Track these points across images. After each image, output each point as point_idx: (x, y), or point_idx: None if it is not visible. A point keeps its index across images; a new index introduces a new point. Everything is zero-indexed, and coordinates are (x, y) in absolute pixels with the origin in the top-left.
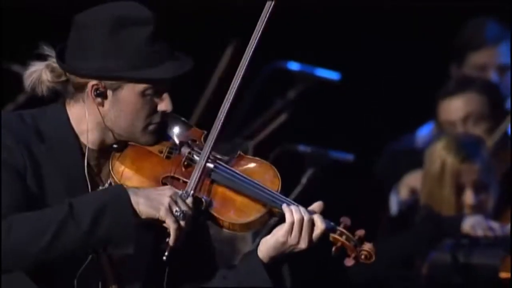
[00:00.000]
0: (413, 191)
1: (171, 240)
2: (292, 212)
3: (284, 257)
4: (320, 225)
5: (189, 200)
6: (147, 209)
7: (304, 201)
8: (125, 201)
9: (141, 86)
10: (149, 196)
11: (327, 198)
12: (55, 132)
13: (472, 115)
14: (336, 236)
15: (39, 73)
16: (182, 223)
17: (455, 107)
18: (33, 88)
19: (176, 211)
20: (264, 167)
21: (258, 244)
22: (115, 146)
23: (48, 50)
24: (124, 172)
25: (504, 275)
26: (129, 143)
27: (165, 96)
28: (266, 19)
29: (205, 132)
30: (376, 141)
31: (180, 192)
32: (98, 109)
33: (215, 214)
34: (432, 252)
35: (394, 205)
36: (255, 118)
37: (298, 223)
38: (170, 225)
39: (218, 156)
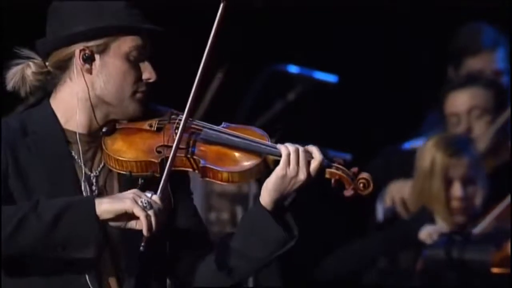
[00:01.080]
0: (395, 201)
1: (144, 230)
2: (287, 146)
3: (286, 196)
4: (317, 156)
5: (155, 197)
6: (112, 204)
7: (303, 196)
8: (89, 202)
9: (126, 47)
10: (112, 196)
11: (325, 194)
12: (40, 127)
13: (476, 108)
14: (333, 170)
15: (21, 71)
16: (150, 212)
17: (461, 100)
18: (17, 89)
19: (141, 201)
20: (250, 129)
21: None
22: (104, 130)
23: (24, 51)
24: (118, 149)
25: (496, 270)
26: (117, 125)
27: (148, 65)
28: (218, 21)
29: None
30: (372, 142)
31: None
32: (86, 80)
33: (213, 167)
34: (426, 249)
35: (380, 213)
36: (255, 118)
37: (294, 153)
38: (139, 214)
39: (205, 123)
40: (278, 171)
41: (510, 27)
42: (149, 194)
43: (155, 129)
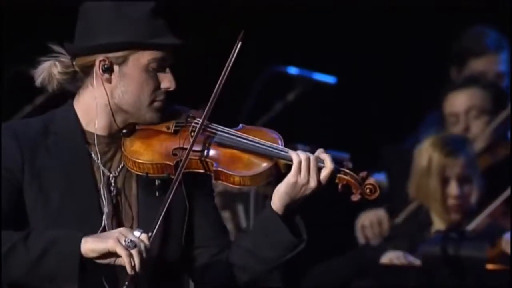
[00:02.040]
0: (365, 229)
1: (127, 269)
2: (299, 154)
3: (297, 202)
4: (329, 164)
5: (144, 236)
6: (96, 244)
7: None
8: (76, 239)
9: (145, 59)
10: (99, 235)
11: (324, 192)
12: (62, 127)
13: (474, 108)
14: (342, 175)
15: (48, 68)
16: (133, 251)
17: (460, 100)
18: (44, 85)
19: (125, 240)
20: (265, 131)
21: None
22: (124, 131)
23: (55, 47)
24: (136, 150)
25: (490, 266)
26: (137, 127)
27: (168, 74)
28: (234, 57)
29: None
30: (371, 142)
31: (134, 230)
32: (106, 88)
33: (225, 171)
34: (423, 245)
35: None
36: (256, 118)
37: (305, 162)
38: (121, 253)
39: (220, 126)
40: (289, 178)
41: (510, 28)
42: (137, 233)
43: (172, 131)
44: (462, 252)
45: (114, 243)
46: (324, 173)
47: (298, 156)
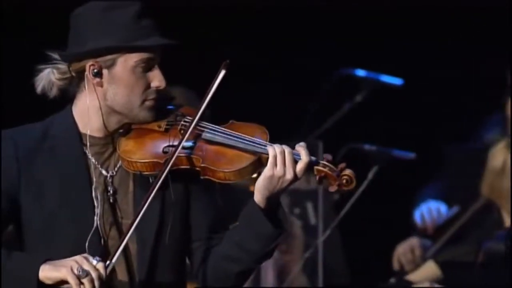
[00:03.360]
0: (399, 257)
1: None
2: (274, 147)
3: (276, 195)
4: (304, 156)
5: (100, 265)
6: (51, 272)
7: (370, 194)
8: (35, 265)
9: (132, 61)
10: (57, 263)
11: (390, 191)
12: (60, 131)
13: None
14: (320, 167)
15: (47, 76)
16: (84, 280)
17: None
18: (44, 92)
19: (78, 269)
20: (253, 126)
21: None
22: (120, 131)
23: (53, 55)
24: (129, 150)
25: None
26: (132, 126)
27: (157, 73)
28: (217, 85)
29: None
30: (436, 142)
31: (91, 258)
32: (97, 91)
33: (210, 167)
34: (487, 241)
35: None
36: (324, 119)
37: (280, 155)
38: (71, 282)
39: (208, 124)
40: (265, 172)
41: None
42: (94, 261)
43: (163, 129)
44: None
45: (66, 272)
46: (300, 166)
47: (273, 150)
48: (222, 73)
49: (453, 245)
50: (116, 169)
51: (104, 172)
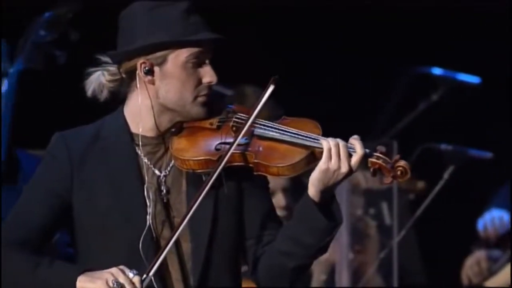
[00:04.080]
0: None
1: None
2: (329, 140)
3: (331, 188)
4: (359, 149)
5: (136, 278)
6: (86, 283)
7: (445, 194)
8: (73, 275)
9: (182, 57)
10: (94, 274)
11: (466, 191)
12: (111, 132)
13: None
14: (374, 160)
15: (97, 79)
16: None
17: None
18: (95, 95)
19: (112, 282)
20: (305, 121)
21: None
22: (172, 130)
23: (102, 57)
24: (181, 148)
25: None
26: (184, 125)
27: (208, 68)
28: (265, 99)
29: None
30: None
31: (129, 272)
32: (149, 89)
33: (264, 162)
34: None
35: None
36: (400, 118)
37: (335, 148)
38: (102, 285)
39: (260, 120)
40: (320, 165)
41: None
42: (131, 274)
43: (215, 127)
44: None
45: (101, 284)
46: (355, 158)
47: (328, 143)
48: (271, 89)
49: None
50: (168, 168)
51: (157, 172)
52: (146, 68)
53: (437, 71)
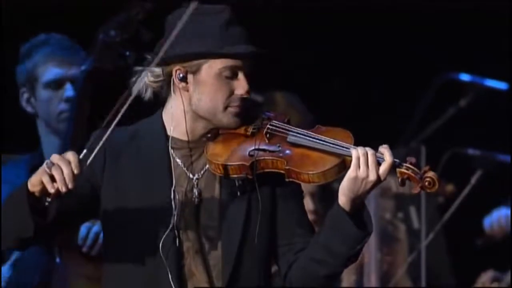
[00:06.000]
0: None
1: (47, 187)
2: (358, 149)
3: (360, 196)
4: (388, 158)
5: (69, 154)
6: (32, 178)
7: (472, 199)
8: (22, 186)
9: (216, 68)
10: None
11: (493, 196)
12: (148, 133)
13: None
14: (403, 170)
15: (143, 78)
16: (52, 169)
17: None
18: (140, 94)
19: (47, 163)
20: (338, 130)
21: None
22: (208, 135)
23: (148, 55)
24: (216, 153)
25: None
26: (220, 131)
27: (242, 81)
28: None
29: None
30: None
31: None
32: (183, 96)
33: (295, 169)
34: None
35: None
36: (428, 124)
37: (363, 156)
38: (43, 178)
39: (292, 127)
40: (349, 173)
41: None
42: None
43: (249, 133)
44: None
45: (40, 170)
46: (383, 167)
47: (356, 151)
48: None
49: None
50: (202, 172)
51: (190, 175)
52: (181, 75)
53: (465, 77)
